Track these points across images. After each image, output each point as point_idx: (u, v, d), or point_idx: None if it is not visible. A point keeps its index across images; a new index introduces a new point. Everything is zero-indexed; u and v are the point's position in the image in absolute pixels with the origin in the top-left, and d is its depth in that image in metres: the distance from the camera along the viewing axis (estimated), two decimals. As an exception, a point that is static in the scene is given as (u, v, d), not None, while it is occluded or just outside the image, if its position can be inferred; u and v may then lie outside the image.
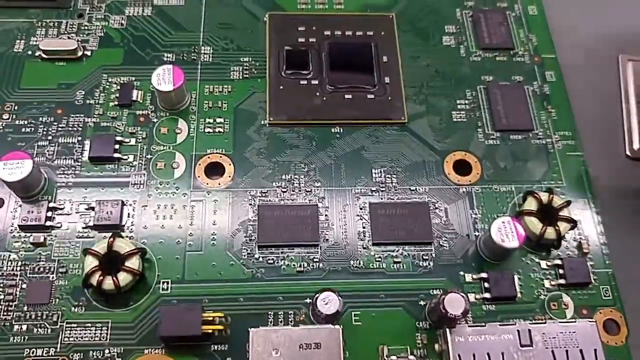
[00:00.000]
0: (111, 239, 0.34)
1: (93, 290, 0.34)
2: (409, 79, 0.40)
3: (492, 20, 0.43)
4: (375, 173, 0.38)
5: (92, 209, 0.36)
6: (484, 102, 0.40)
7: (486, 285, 0.35)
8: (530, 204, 0.36)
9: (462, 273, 0.36)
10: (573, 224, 0.36)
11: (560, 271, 0.36)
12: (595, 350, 0.33)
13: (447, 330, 0.33)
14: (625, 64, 0.43)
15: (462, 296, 0.32)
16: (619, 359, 0.34)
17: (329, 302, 0.32)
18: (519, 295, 0.35)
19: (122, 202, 0.36)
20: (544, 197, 0.36)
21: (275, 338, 0.32)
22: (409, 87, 0.40)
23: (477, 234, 0.36)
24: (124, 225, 0.35)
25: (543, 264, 0.36)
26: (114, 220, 0.35)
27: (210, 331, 0.33)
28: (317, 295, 0.32)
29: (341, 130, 0.39)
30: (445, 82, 0.41)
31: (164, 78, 0.37)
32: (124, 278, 0.33)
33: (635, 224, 0.39)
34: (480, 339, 0.33)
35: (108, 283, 0.33)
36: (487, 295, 0.35)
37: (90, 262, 0.33)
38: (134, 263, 0.33)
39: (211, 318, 0.33)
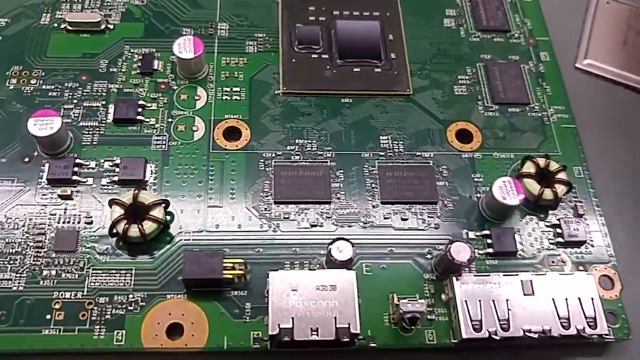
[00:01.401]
0: (136, 191, 0.35)
1: (118, 239, 0.35)
2: (413, 55, 0.43)
3: (490, 5, 0.46)
4: (382, 140, 0.40)
5: (117, 165, 0.37)
6: (483, 78, 0.43)
7: (489, 241, 0.37)
8: (529, 168, 0.38)
9: (465, 230, 0.37)
10: (569, 186, 0.38)
11: (558, 230, 0.38)
12: (592, 299, 0.35)
13: (454, 278, 0.34)
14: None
15: (468, 244, 0.34)
16: (614, 309, 0.36)
17: (343, 250, 0.34)
18: (519, 251, 0.37)
19: (145, 159, 0.37)
20: (541, 161, 0.38)
21: (293, 279, 0.33)
22: (413, 63, 0.43)
23: (478, 195, 0.38)
24: (147, 181, 0.37)
25: (542, 224, 0.38)
26: (137, 176, 0.37)
27: (230, 277, 0.34)
28: (331, 243, 0.34)
29: (350, 101, 0.41)
30: (446, 59, 0.44)
31: (185, 47, 0.39)
32: (149, 226, 0.35)
33: (625, 191, 0.41)
34: (485, 287, 0.34)
35: (134, 231, 0.34)
36: (489, 250, 0.37)
37: (116, 212, 0.35)
38: (158, 213, 0.35)
39: (232, 265, 0.34)
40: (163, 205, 0.35)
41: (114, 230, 0.35)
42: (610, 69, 0.46)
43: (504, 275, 0.35)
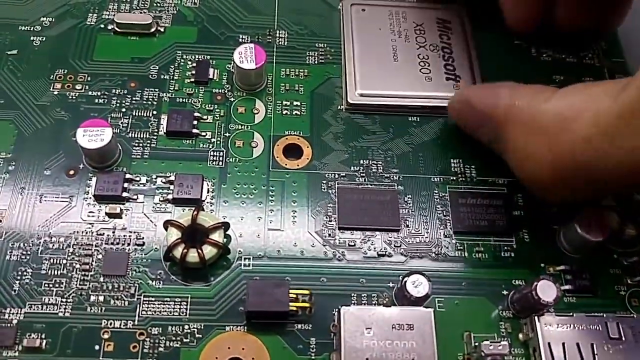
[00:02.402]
0: (195, 212, 0.32)
1: (172, 264, 0.32)
2: (484, 70, 0.40)
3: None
4: (453, 163, 0.37)
5: (170, 182, 0.35)
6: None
7: (567, 277, 0.35)
8: (609, 199, 0.36)
9: (542, 265, 0.35)
10: (652, 221, 0.35)
11: (640, 268, 0.35)
12: (683, 343, 0.32)
13: (536, 318, 0.32)
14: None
15: (554, 282, 0.32)
16: None
17: (418, 285, 0.32)
18: (599, 289, 0.35)
19: (203, 176, 0.35)
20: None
21: (367, 317, 0.31)
22: (484, 78, 0.40)
23: (556, 227, 0.36)
24: (204, 201, 0.34)
25: (623, 260, 0.36)
26: (194, 195, 0.34)
27: (295, 309, 0.31)
28: (405, 277, 0.32)
29: (418, 119, 0.38)
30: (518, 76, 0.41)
31: (245, 56, 0.37)
32: (209, 251, 0.32)
33: None
34: (568, 329, 0.32)
35: (192, 256, 0.32)
36: (567, 287, 0.34)
37: (173, 234, 0.32)
38: (218, 237, 0.32)
39: (295, 296, 0.32)
40: (223, 228, 0.32)
41: (170, 254, 0.32)
42: None
43: (587, 316, 0.32)
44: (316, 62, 0.40)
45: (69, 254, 0.33)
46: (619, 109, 0.27)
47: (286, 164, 0.36)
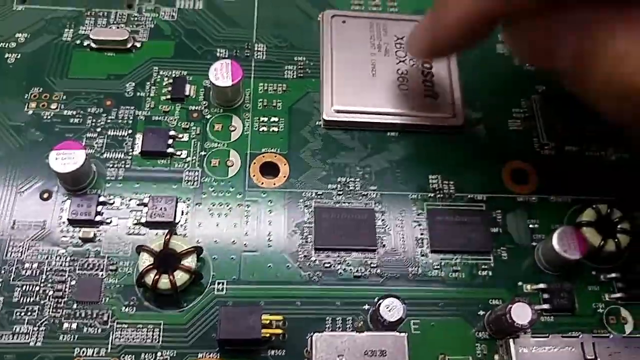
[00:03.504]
0: (167, 237, 0.32)
1: (145, 290, 0.32)
2: (464, 86, 0.39)
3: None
4: (432, 179, 0.37)
5: (144, 204, 0.34)
6: (538, 112, 0.39)
7: (545, 296, 0.35)
8: (589, 216, 0.35)
9: (520, 283, 0.35)
10: (633, 236, 0.35)
11: (619, 284, 0.35)
12: (660, 364, 0.32)
13: (511, 340, 0.32)
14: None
15: (529, 306, 0.31)
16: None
17: (392, 309, 0.31)
18: (577, 308, 0.34)
19: (177, 198, 0.34)
20: (603, 208, 0.35)
21: (339, 344, 0.31)
22: (464, 94, 0.39)
23: (534, 244, 0.35)
24: (177, 223, 0.34)
25: (601, 277, 0.35)
26: (167, 217, 0.34)
27: (268, 335, 0.31)
28: (380, 301, 0.31)
29: (396, 135, 0.38)
30: (499, 90, 0.40)
31: (221, 73, 0.36)
32: (180, 277, 0.32)
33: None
34: (544, 350, 0.32)
35: (164, 282, 0.32)
36: (545, 306, 0.34)
37: (145, 260, 0.32)
38: (190, 262, 0.32)
39: (269, 321, 0.32)
40: (195, 253, 0.32)
41: (142, 281, 0.32)
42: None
43: (563, 337, 0.33)
44: (295, 76, 0.39)
45: (42, 280, 0.32)
46: None
47: (262, 183, 0.36)
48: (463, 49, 0.35)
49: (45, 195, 0.34)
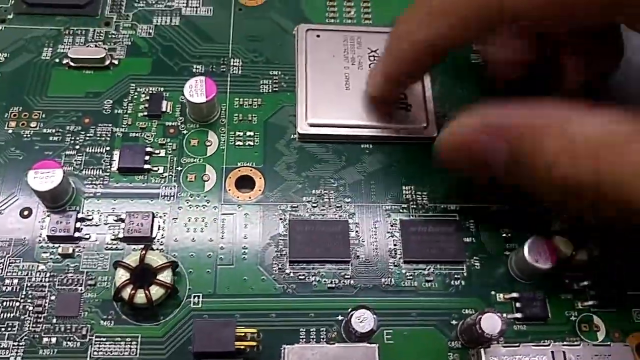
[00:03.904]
0: (143, 252, 0.33)
1: (123, 304, 0.33)
2: (437, 96, 0.40)
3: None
4: (405, 190, 0.37)
5: (122, 220, 0.35)
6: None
7: (517, 305, 0.35)
8: (561, 225, 0.36)
9: (493, 293, 0.35)
10: (603, 245, 0.35)
11: (592, 292, 0.35)
12: (630, 372, 0.32)
13: (482, 350, 0.32)
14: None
15: (499, 316, 0.32)
16: (654, 383, 0.33)
17: (363, 320, 0.32)
18: (549, 316, 0.35)
19: (153, 214, 0.35)
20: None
21: (310, 356, 0.31)
22: (437, 104, 0.40)
23: (507, 253, 0.36)
24: (154, 238, 0.35)
25: (574, 284, 0.36)
26: (144, 232, 0.35)
27: (243, 347, 0.32)
28: (351, 312, 0.32)
29: (370, 147, 0.38)
30: (472, 100, 0.40)
31: (196, 89, 0.37)
32: (156, 291, 0.33)
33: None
34: (515, 359, 0.32)
35: (140, 297, 0.32)
36: (518, 315, 0.35)
37: (122, 275, 0.33)
38: (166, 276, 0.33)
39: (243, 334, 0.32)
40: (171, 267, 0.33)
41: (119, 295, 0.32)
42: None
43: (533, 346, 0.33)
44: (270, 90, 0.40)
45: (22, 296, 0.33)
46: None
47: (238, 197, 0.36)
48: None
49: (26, 213, 0.35)
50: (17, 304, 0.33)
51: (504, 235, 0.37)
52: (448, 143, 0.33)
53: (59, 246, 0.34)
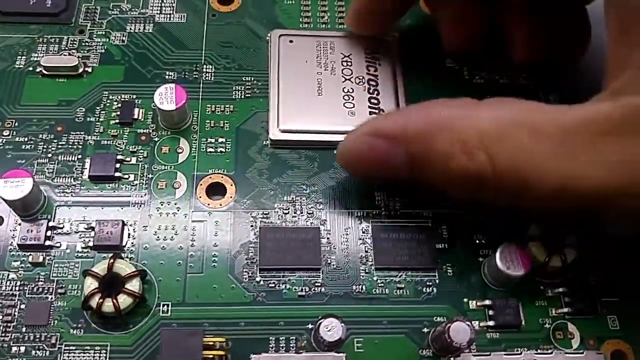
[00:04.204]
0: (111, 261, 0.33)
1: (92, 313, 0.33)
2: (411, 101, 0.40)
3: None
4: (377, 196, 0.37)
5: (92, 228, 0.35)
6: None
7: (490, 312, 0.35)
8: (535, 230, 0.35)
9: (466, 300, 0.35)
10: (579, 251, 0.35)
11: (566, 299, 0.35)
12: (603, 382, 0.32)
13: (452, 359, 0.32)
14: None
15: (468, 325, 0.32)
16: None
17: (332, 329, 0.32)
18: (523, 323, 0.34)
19: (123, 222, 0.35)
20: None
21: (277, 365, 0.31)
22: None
23: (480, 259, 0.36)
24: (124, 246, 0.35)
25: (549, 291, 0.35)
26: (114, 241, 0.35)
27: (210, 356, 0.32)
28: (319, 321, 0.32)
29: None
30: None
31: (166, 97, 0.36)
32: (124, 300, 0.32)
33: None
34: (485, 369, 0.32)
35: (108, 305, 0.32)
36: (491, 323, 0.34)
37: (90, 284, 0.33)
38: (134, 285, 0.33)
39: (212, 343, 0.32)
40: (139, 276, 0.33)
41: (88, 304, 0.32)
42: None
43: (505, 355, 0.33)
44: (242, 96, 0.40)
45: (-8, 305, 0.33)
46: None
47: (209, 204, 0.36)
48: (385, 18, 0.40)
49: (-3, 222, 0.35)
50: (-13, 313, 0.33)
51: (477, 241, 0.36)
52: (347, 153, 0.34)
53: (30, 255, 0.34)
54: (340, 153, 0.34)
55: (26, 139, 0.37)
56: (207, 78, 0.40)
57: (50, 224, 0.35)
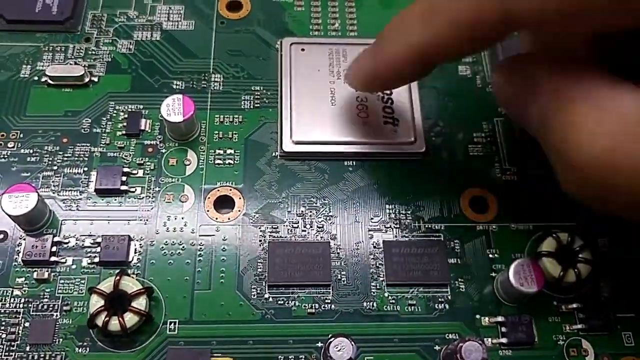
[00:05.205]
0: (117, 278, 0.32)
1: (98, 331, 0.32)
2: (425, 110, 0.39)
3: (509, 50, 0.41)
4: (389, 208, 0.36)
5: (98, 244, 0.34)
6: (500, 135, 0.39)
7: (503, 329, 0.34)
8: (549, 245, 0.35)
9: (478, 316, 0.34)
10: (594, 265, 0.34)
11: (580, 315, 0.34)
12: (618, 400, 0.31)
13: (463, 379, 0.31)
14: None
15: (480, 344, 0.31)
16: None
17: (342, 349, 0.31)
18: (536, 340, 0.34)
19: (129, 237, 0.34)
20: (564, 237, 0.35)
21: (286, 385, 0.30)
22: (425, 118, 0.39)
23: (493, 275, 0.35)
24: (130, 262, 0.34)
25: (562, 307, 0.35)
26: (120, 257, 0.34)
27: (219, 376, 0.31)
28: (329, 340, 0.31)
29: (354, 164, 0.37)
30: (460, 114, 0.39)
31: (173, 108, 0.36)
32: (130, 319, 0.32)
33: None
34: (497, 389, 0.31)
35: (114, 324, 0.32)
36: (503, 340, 0.34)
37: (96, 302, 0.32)
38: (140, 303, 0.32)
39: (220, 362, 0.32)
40: (146, 293, 0.32)
41: (94, 323, 0.32)
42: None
43: (518, 374, 0.32)
44: (252, 106, 0.39)
45: (-4, 323, 0.33)
46: None
47: (217, 218, 0.35)
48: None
49: (1, 236, 0.35)
50: (-9, 331, 0.32)
51: (490, 255, 0.35)
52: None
53: (35, 271, 0.34)
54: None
55: (31, 151, 0.37)
56: (215, 87, 0.39)
57: (56, 239, 0.35)
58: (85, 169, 0.36)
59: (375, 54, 0.32)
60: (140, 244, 0.35)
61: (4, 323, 0.33)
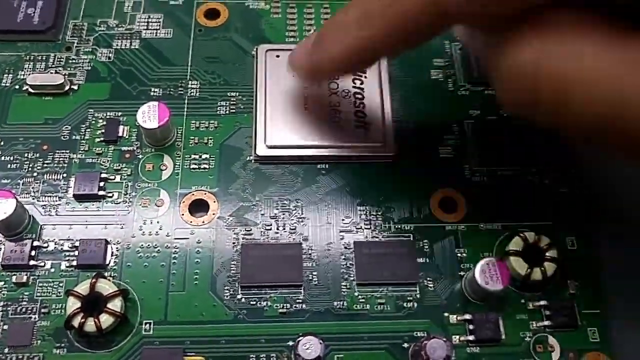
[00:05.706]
0: (93, 280, 0.33)
1: (74, 332, 0.33)
2: (396, 113, 0.40)
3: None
4: (360, 210, 0.37)
5: (76, 247, 0.35)
6: (470, 137, 0.40)
7: (470, 327, 0.35)
8: (516, 245, 0.35)
9: (446, 314, 0.35)
10: (560, 264, 0.35)
11: (547, 312, 0.35)
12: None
13: (429, 376, 0.32)
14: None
15: (444, 341, 0.32)
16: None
17: (310, 347, 0.32)
18: (503, 337, 0.35)
19: (106, 241, 0.35)
20: (531, 236, 0.35)
21: (255, 384, 0.31)
22: (396, 121, 0.39)
23: (462, 274, 0.36)
24: (107, 265, 0.35)
25: (530, 304, 0.36)
26: (97, 260, 0.35)
27: (191, 375, 0.32)
28: (298, 339, 0.32)
29: (327, 167, 0.38)
30: (431, 116, 0.40)
31: (149, 115, 0.37)
32: (105, 320, 0.33)
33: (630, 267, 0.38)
34: (463, 385, 0.32)
35: (89, 325, 0.33)
36: (471, 337, 0.35)
37: (72, 304, 0.33)
38: (116, 305, 0.33)
39: (192, 361, 0.33)
40: (121, 295, 0.33)
41: (70, 324, 0.33)
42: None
43: (484, 371, 0.32)
44: (227, 112, 0.40)
45: (-26, 327, 0.34)
46: None
47: (191, 222, 0.36)
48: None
49: (-19, 242, 0.36)
50: (-30, 336, 0.33)
51: (458, 255, 0.36)
52: None
53: (14, 275, 0.35)
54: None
55: (12, 158, 0.38)
56: (192, 94, 0.40)
57: (35, 243, 0.35)
58: (65, 175, 0.37)
59: (317, 47, 0.33)
60: (117, 248, 0.36)
61: (-17, 328, 0.34)
